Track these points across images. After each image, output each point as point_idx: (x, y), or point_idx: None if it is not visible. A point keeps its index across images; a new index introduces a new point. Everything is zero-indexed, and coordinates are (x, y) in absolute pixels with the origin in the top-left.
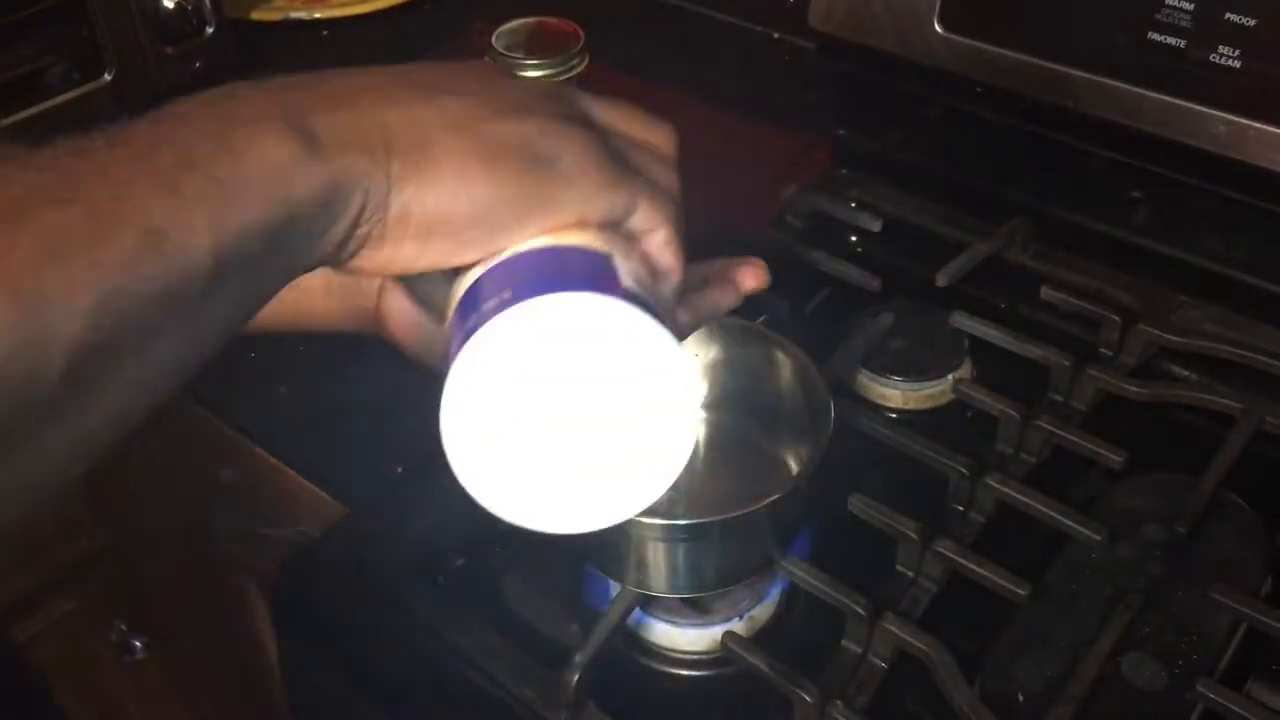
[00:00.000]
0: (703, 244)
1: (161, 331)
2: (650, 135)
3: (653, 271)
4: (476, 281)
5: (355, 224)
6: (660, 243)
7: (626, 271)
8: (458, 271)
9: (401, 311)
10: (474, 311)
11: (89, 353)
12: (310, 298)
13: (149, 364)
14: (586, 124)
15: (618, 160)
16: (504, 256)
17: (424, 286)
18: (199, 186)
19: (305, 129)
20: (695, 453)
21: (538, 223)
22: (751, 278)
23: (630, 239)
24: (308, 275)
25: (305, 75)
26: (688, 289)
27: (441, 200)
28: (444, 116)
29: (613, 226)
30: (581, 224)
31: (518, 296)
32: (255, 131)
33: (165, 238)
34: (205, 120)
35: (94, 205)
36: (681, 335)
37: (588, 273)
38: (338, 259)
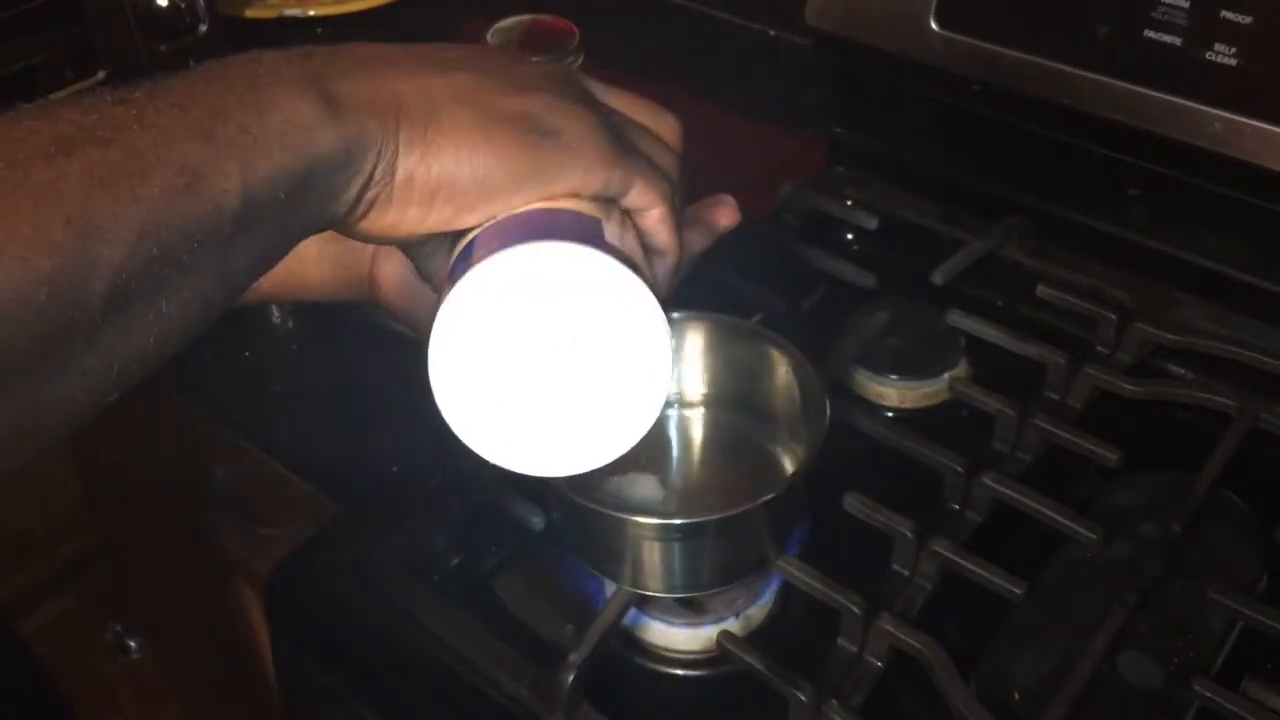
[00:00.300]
0: None
1: (193, 267)
2: (655, 123)
3: (648, 248)
4: (469, 241)
5: (366, 185)
6: (655, 220)
7: (614, 236)
8: (459, 240)
9: (394, 276)
10: (464, 265)
11: (128, 280)
12: (306, 265)
13: (180, 298)
14: (591, 104)
15: (618, 139)
16: (498, 219)
17: (429, 264)
18: (230, 136)
19: (326, 92)
20: (691, 451)
21: (535, 191)
22: (724, 216)
23: (626, 215)
24: (303, 243)
25: (326, 46)
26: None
27: (444, 166)
28: (453, 90)
29: (609, 202)
30: (577, 196)
31: (504, 248)
32: (281, 91)
33: (200, 178)
34: (235, 79)
35: (136, 146)
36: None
37: (573, 230)
38: (349, 219)
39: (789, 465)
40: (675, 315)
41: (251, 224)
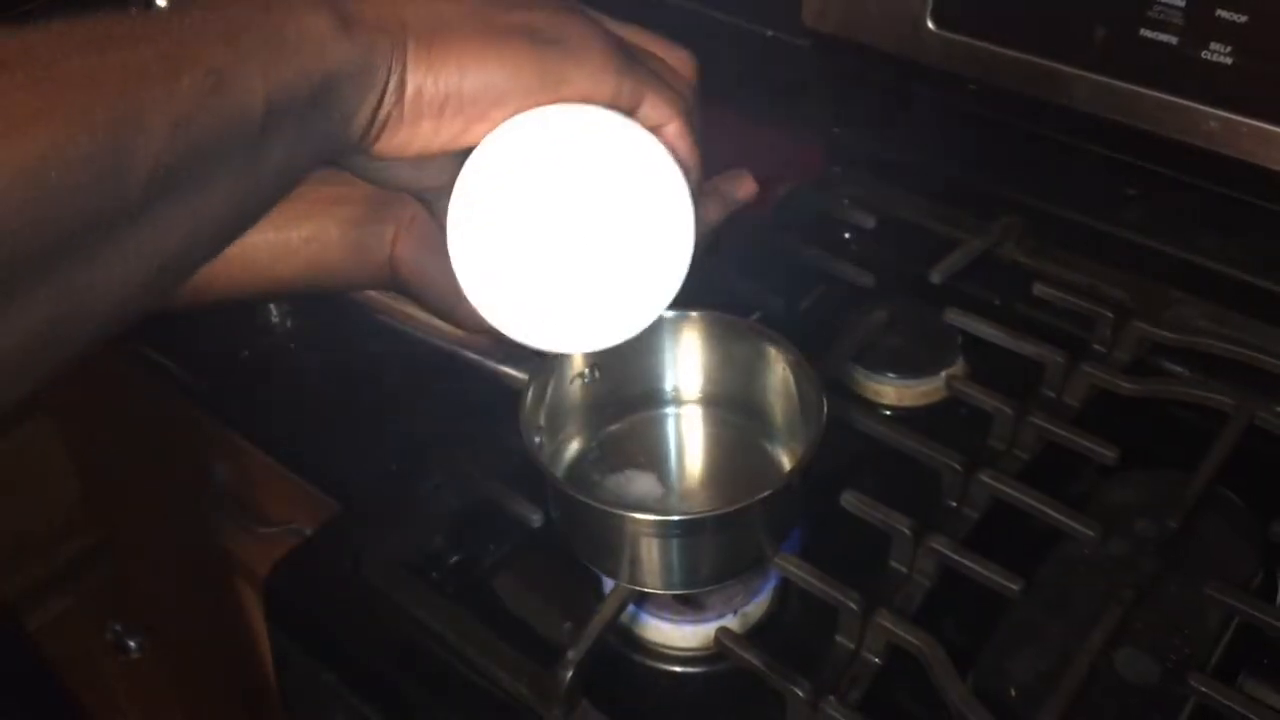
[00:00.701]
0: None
1: (222, 167)
2: (667, 53)
3: None
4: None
5: (379, 104)
6: (672, 135)
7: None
8: None
9: (413, 258)
10: None
11: (165, 171)
12: (328, 251)
13: (215, 199)
14: (598, 23)
15: (626, 53)
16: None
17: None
18: (251, 44)
19: (337, 10)
20: (689, 449)
21: (544, 98)
22: (741, 188)
23: None
24: (324, 228)
25: None
26: None
27: (450, 78)
28: (459, 9)
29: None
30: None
31: None
32: (296, 8)
33: (225, 80)
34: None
35: (164, 49)
36: None
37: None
38: (365, 141)
39: (787, 463)
40: (673, 314)
41: (276, 130)
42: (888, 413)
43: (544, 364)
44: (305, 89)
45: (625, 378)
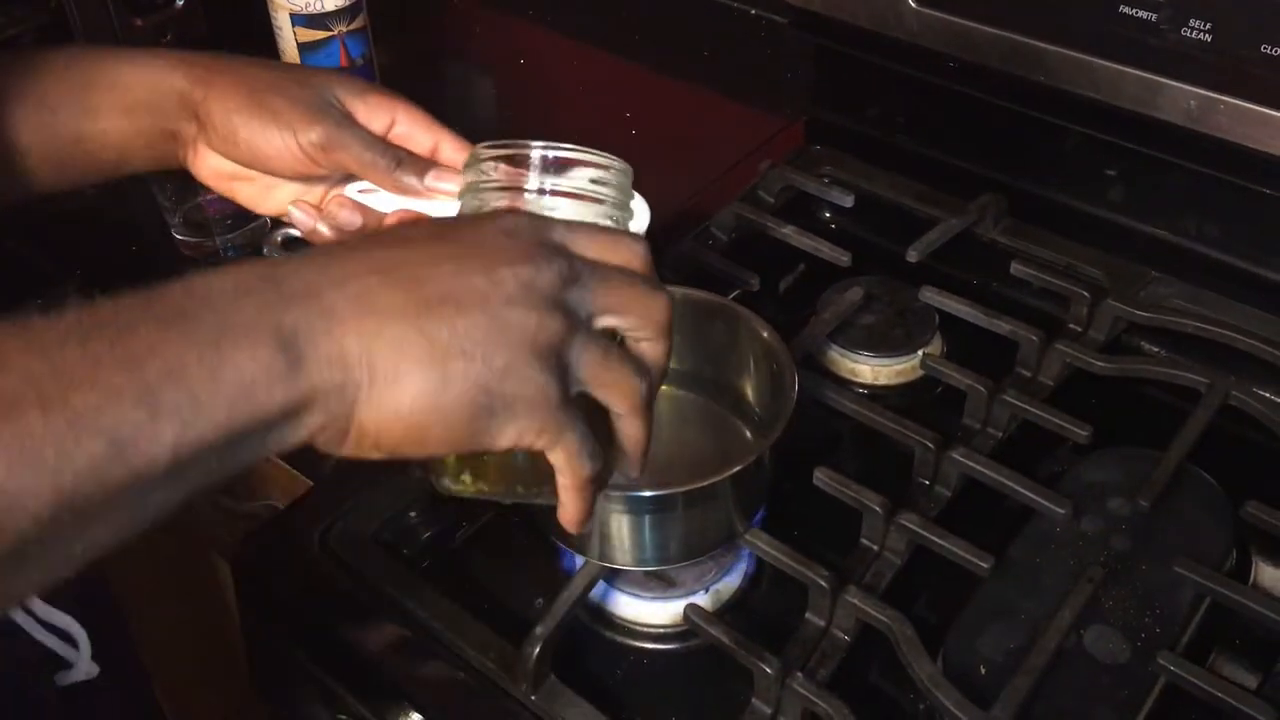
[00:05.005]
0: (674, 220)
1: (107, 515)
2: (615, 251)
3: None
4: None
5: (310, 434)
6: (625, 425)
7: None
8: None
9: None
10: None
11: (31, 541)
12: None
13: (89, 537)
14: (540, 263)
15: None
16: None
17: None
18: (176, 402)
19: (290, 347)
20: (661, 426)
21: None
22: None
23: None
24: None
25: (317, 265)
26: None
27: (392, 436)
28: (429, 349)
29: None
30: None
31: None
32: (242, 346)
33: (131, 446)
34: (203, 332)
35: (75, 411)
36: None
37: None
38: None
39: (759, 440)
40: None
41: (177, 478)
42: (863, 391)
43: None
44: (223, 442)
45: None
